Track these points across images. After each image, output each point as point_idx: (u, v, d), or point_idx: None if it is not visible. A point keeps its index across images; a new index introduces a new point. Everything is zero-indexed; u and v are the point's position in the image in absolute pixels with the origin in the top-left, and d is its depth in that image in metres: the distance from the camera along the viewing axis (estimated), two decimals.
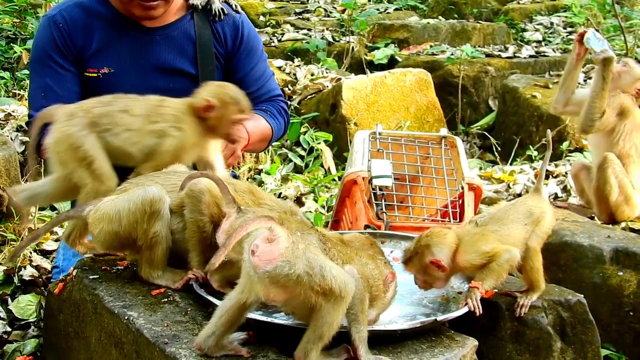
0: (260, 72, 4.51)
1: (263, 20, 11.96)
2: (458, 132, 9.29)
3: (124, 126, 3.37)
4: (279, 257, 2.41)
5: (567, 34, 12.30)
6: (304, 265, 2.42)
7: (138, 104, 3.44)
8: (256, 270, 2.41)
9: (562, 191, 6.61)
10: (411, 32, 11.44)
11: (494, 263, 3.04)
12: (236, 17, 4.41)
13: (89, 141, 3.30)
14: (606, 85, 5.08)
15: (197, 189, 3.01)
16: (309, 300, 2.45)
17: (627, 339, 4.19)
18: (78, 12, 4.16)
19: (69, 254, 4.23)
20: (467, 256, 3.08)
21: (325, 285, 2.43)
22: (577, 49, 5.31)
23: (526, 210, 3.27)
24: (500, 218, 3.23)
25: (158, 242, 3.07)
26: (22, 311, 4.45)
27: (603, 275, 4.24)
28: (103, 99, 3.47)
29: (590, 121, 5.15)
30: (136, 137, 3.37)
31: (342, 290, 2.46)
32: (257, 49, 4.50)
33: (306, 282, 2.42)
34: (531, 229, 3.22)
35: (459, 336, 2.91)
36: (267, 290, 2.45)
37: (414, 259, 3.11)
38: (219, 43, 4.33)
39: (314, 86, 8.88)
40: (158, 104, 3.46)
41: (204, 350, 2.57)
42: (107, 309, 2.97)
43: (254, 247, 2.43)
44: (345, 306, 2.50)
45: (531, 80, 9.32)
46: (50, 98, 4.06)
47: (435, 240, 3.09)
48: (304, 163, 7.52)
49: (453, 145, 4.64)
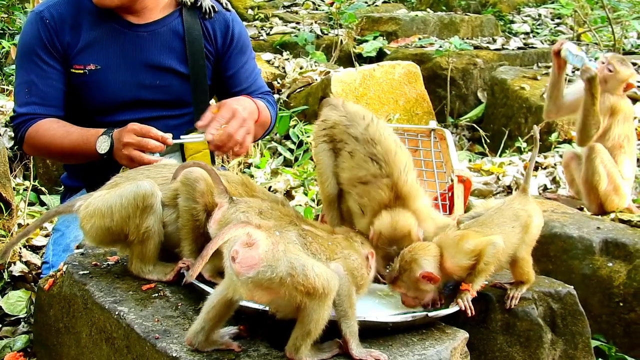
0: (250, 69, 4.51)
1: (251, 13, 11.95)
2: (447, 124, 9.31)
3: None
4: (259, 262, 2.39)
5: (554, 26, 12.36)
6: (285, 267, 2.40)
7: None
8: (238, 276, 2.40)
9: (551, 182, 6.62)
10: (399, 25, 11.45)
11: (482, 263, 2.98)
12: (227, 15, 4.40)
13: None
14: (596, 100, 5.09)
15: (192, 177, 3.00)
16: (293, 300, 2.44)
17: (617, 330, 4.20)
18: (66, 8, 4.15)
19: (58, 250, 4.22)
20: (454, 259, 3.01)
21: (309, 284, 2.41)
22: (556, 62, 5.34)
23: (512, 214, 3.19)
24: (484, 222, 3.15)
25: (150, 236, 3.06)
26: (12, 307, 4.44)
27: (593, 266, 4.25)
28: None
29: (589, 137, 5.19)
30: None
31: (325, 287, 2.44)
32: (247, 47, 4.51)
33: (289, 283, 2.40)
34: (519, 231, 3.15)
35: (450, 329, 2.91)
36: (251, 293, 2.44)
37: (402, 277, 2.99)
38: (209, 41, 4.32)
39: (303, 79, 8.87)
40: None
41: (195, 345, 2.57)
42: (97, 304, 2.96)
43: (234, 253, 2.40)
44: (330, 301, 2.49)
45: (519, 72, 9.35)
46: (34, 94, 4.09)
47: (421, 253, 2.99)
48: (293, 156, 7.52)
49: (442, 138, 4.64)
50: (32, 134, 4.08)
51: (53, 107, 4.13)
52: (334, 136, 3.34)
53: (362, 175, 3.19)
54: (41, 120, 4.09)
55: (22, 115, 4.13)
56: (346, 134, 3.28)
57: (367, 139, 3.21)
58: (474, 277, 3.00)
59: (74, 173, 4.47)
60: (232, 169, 6.83)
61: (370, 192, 3.17)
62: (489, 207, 3.28)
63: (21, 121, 4.13)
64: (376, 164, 3.16)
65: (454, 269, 3.01)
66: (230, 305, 2.56)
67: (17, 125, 4.17)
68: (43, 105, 4.11)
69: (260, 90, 4.53)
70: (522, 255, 3.16)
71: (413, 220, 3.13)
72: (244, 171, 7.07)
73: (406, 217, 3.13)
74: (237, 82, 4.39)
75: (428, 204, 3.29)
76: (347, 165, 3.26)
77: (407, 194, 3.15)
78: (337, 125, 3.33)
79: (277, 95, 8.56)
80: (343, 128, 3.30)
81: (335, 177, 3.33)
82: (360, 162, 3.20)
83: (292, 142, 7.70)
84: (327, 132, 3.36)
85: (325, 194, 3.40)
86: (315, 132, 3.45)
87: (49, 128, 4.06)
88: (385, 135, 3.24)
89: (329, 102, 3.53)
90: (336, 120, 3.34)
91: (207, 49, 4.32)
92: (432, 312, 2.90)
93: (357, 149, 3.22)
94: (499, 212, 3.20)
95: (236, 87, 4.41)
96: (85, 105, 4.17)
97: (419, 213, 3.18)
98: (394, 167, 3.16)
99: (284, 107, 8.29)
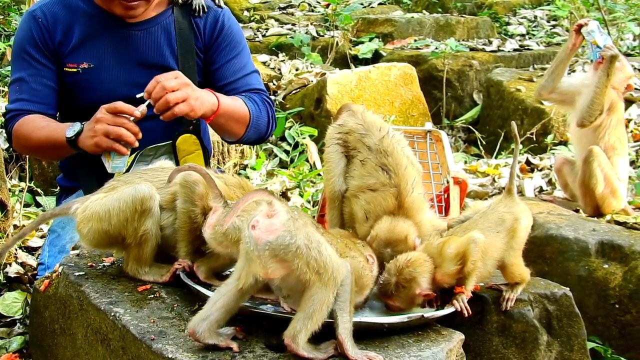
0: (240, 65, 4.42)
1: (247, 15, 11.95)
2: (443, 126, 9.32)
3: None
4: (281, 227, 2.47)
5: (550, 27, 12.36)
6: (303, 238, 2.48)
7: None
8: (257, 243, 2.46)
9: (547, 184, 6.63)
10: (395, 27, 11.45)
11: (469, 264, 2.94)
12: (217, 11, 4.38)
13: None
14: (609, 82, 5.12)
15: (191, 179, 3.00)
16: (303, 276, 2.48)
17: (613, 332, 4.21)
18: (59, 8, 4.16)
19: (54, 251, 4.21)
20: (442, 270, 2.97)
21: (321, 261, 2.48)
22: (574, 39, 5.35)
23: (497, 218, 3.15)
24: (469, 228, 3.11)
25: (148, 239, 3.07)
26: (8, 308, 4.44)
27: (588, 268, 4.25)
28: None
29: (591, 117, 5.19)
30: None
31: (334, 271, 2.51)
32: (238, 42, 4.44)
33: (304, 255, 2.46)
34: (504, 236, 3.12)
35: (446, 330, 2.91)
36: (266, 266, 2.48)
37: (400, 294, 2.94)
38: (198, 37, 4.30)
39: (298, 81, 8.87)
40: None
41: (197, 334, 2.55)
42: (93, 305, 2.96)
43: (255, 222, 2.48)
44: (335, 289, 2.53)
45: (515, 73, 9.36)
46: (24, 91, 4.09)
47: (420, 270, 2.94)
48: (289, 158, 7.52)
49: (438, 140, 4.64)
50: (17, 129, 4.08)
51: (42, 104, 4.12)
52: (347, 142, 3.41)
53: (371, 183, 3.26)
54: (27, 116, 4.08)
55: (11, 111, 4.13)
56: (360, 143, 3.34)
57: (380, 150, 3.29)
58: (465, 279, 3.00)
59: (70, 174, 4.46)
60: (228, 170, 6.83)
61: (377, 198, 3.23)
62: (477, 210, 3.27)
63: (9, 117, 4.14)
64: (386, 173, 3.24)
65: (444, 278, 2.99)
66: (239, 297, 2.59)
67: (6, 122, 4.17)
68: (31, 102, 4.10)
69: (247, 87, 4.40)
70: (511, 260, 3.16)
71: (412, 228, 3.17)
72: (239, 173, 7.07)
73: (406, 224, 3.16)
74: (222, 75, 4.33)
75: (433, 218, 3.34)
76: (358, 173, 3.32)
77: (411, 205, 3.21)
78: (353, 132, 3.40)
79: (273, 97, 8.55)
80: (358, 136, 3.37)
81: (344, 180, 3.39)
82: (370, 171, 3.27)
83: (287, 143, 7.70)
84: (342, 136, 3.43)
85: (330, 191, 3.44)
86: (330, 133, 3.51)
87: (31, 121, 4.05)
88: (398, 149, 3.32)
89: (349, 107, 3.60)
90: (352, 127, 3.41)
91: (197, 46, 4.31)
92: (427, 313, 2.90)
93: (369, 158, 3.29)
94: (484, 217, 3.17)
95: (222, 80, 4.34)
96: (79, 104, 4.16)
97: (421, 225, 3.22)
98: (402, 179, 3.22)
99: (280, 109, 8.29)
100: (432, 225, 3.27)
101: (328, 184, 3.45)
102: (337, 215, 3.45)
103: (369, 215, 3.25)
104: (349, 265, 2.64)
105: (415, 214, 3.22)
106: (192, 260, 3.06)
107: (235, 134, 4.27)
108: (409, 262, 2.95)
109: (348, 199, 3.39)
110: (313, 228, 2.59)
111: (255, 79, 4.49)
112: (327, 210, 3.53)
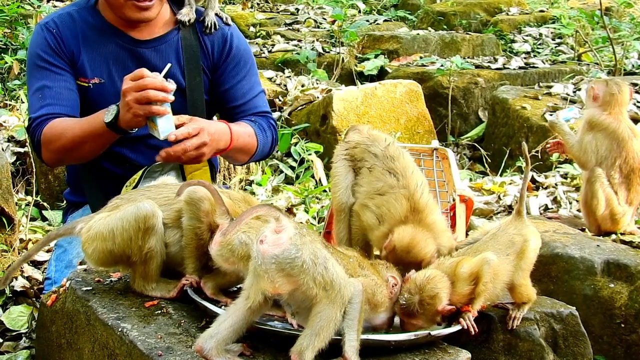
0: (248, 86, 4.44)
1: (253, 31, 11.97)
2: (448, 143, 9.32)
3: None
4: (287, 241, 2.52)
5: (555, 45, 12.37)
6: (309, 253, 2.52)
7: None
8: (264, 257, 2.50)
9: (552, 202, 6.62)
10: (401, 43, 11.46)
11: (480, 285, 2.98)
12: (225, 29, 4.40)
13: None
14: (567, 144, 5.32)
15: (196, 196, 3.02)
16: (310, 292, 2.51)
17: (618, 351, 4.20)
18: (69, 20, 4.20)
19: (61, 266, 4.22)
20: (455, 289, 2.99)
21: (328, 277, 2.52)
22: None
23: (507, 240, 3.17)
24: (479, 250, 3.13)
25: (152, 256, 3.08)
26: (14, 322, 4.44)
27: (594, 287, 4.25)
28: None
29: (583, 167, 5.27)
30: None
31: (342, 288, 2.54)
32: (246, 62, 4.46)
33: (310, 270, 2.50)
34: (513, 258, 3.15)
35: (452, 348, 2.92)
36: (273, 281, 2.51)
37: (425, 311, 2.93)
38: (206, 56, 4.32)
39: (304, 97, 8.88)
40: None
41: (204, 351, 2.56)
42: (100, 320, 2.97)
43: (263, 237, 2.53)
44: (343, 307, 2.56)
45: (521, 91, 9.35)
46: (49, 97, 4.04)
47: (440, 285, 2.95)
48: (294, 174, 7.53)
49: (444, 157, 4.65)
50: (47, 132, 3.98)
51: (68, 107, 4.07)
52: (354, 155, 3.50)
53: (379, 187, 3.32)
54: (56, 119, 4.00)
55: (37, 118, 4.03)
56: (367, 152, 3.44)
57: (386, 155, 3.38)
58: (474, 299, 3.01)
59: (77, 189, 4.47)
60: (234, 186, 6.84)
61: (388, 201, 3.29)
62: (485, 232, 3.28)
63: (36, 125, 4.03)
64: (394, 176, 3.31)
65: (457, 297, 3.01)
66: (248, 316, 2.60)
67: (33, 130, 4.06)
68: (58, 105, 4.04)
69: (257, 110, 4.43)
70: (520, 282, 3.18)
71: (433, 247, 3.19)
72: (245, 188, 7.08)
73: (427, 242, 3.19)
74: (232, 97, 4.36)
75: (443, 219, 3.40)
76: (366, 180, 3.40)
77: (424, 207, 3.26)
78: (359, 145, 3.50)
79: (279, 113, 8.56)
80: (364, 147, 3.47)
81: (351, 192, 3.46)
82: (378, 175, 3.35)
83: (293, 159, 7.71)
84: (349, 151, 3.52)
85: (337, 203, 3.50)
86: (338, 150, 3.60)
87: (61, 122, 3.98)
88: (403, 155, 3.43)
89: (354, 127, 3.71)
90: (358, 141, 3.52)
91: (205, 64, 4.33)
92: (434, 331, 2.90)
93: (376, 164, 3.37)
94: (494, 239, 3.20)
95: (231, 102, 4.37)
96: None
97: (435, 226, 3.28)
98: (411, 181, 3.29)
99: (286, 125, 8.31)
100: (443, 226, 3.35)
101: (335, 196, 3.51)
102: (345, 227, 3.48)
103: (382, 219, 3.29)
104: (360, 284, 2.64)
105: (428, 215, 3.27)
106: (200, 276, 3.07)
107: (240, 162, 4.39)
108: (429, 279, 2.96)
109: (356, 212, 3.42)
110: (321, 245, 2.62)
111: (262, 100, 4.52)
112: (334, 223, 3.58)
